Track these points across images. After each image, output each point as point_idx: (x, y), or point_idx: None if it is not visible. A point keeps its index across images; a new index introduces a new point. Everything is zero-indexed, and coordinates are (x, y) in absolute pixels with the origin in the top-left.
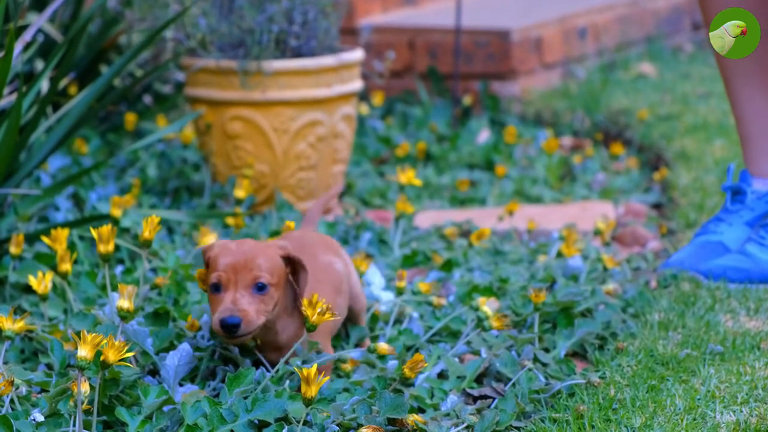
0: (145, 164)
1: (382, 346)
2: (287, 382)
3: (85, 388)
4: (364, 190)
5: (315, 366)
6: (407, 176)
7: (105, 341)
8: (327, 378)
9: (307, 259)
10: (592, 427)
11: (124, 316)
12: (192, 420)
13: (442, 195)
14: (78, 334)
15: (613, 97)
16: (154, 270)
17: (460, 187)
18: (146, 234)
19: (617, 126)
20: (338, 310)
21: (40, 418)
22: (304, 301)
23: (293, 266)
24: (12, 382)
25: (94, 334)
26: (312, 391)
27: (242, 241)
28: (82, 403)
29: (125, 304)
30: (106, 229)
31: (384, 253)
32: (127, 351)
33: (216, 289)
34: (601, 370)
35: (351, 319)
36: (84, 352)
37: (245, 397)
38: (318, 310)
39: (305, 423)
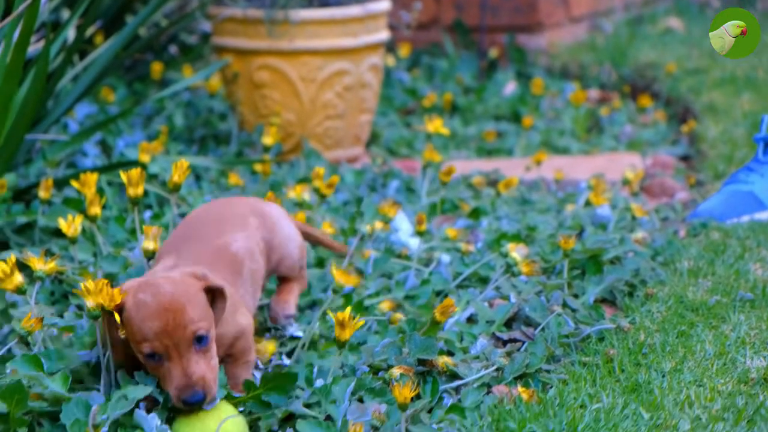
0: (172, 113)
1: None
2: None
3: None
4: (391, 139)
5: (349, 309)
6: (435, 125)
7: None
8: (362, 322)
9: (200, 246)
10: (622, 370)
11: (150, 257)
12: None
13: (468, 146)
14: (108, 276)
15: (640, 50)
16: (182, 215)
17: (486, 138)
18: (176, 178)
19: (644, 79)
20: (243, 291)
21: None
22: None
23: (212, 294)
24: (42, 320)
25: (98, 281)
26: (346, 334)
27: (153, 286)
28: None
29: (150, 245)
30: (136, 172)
31: (411, 201)
32: None
33: (153, 358)
34: (630, 316)
35: (282, 281)
36: (91, 302)
37: None
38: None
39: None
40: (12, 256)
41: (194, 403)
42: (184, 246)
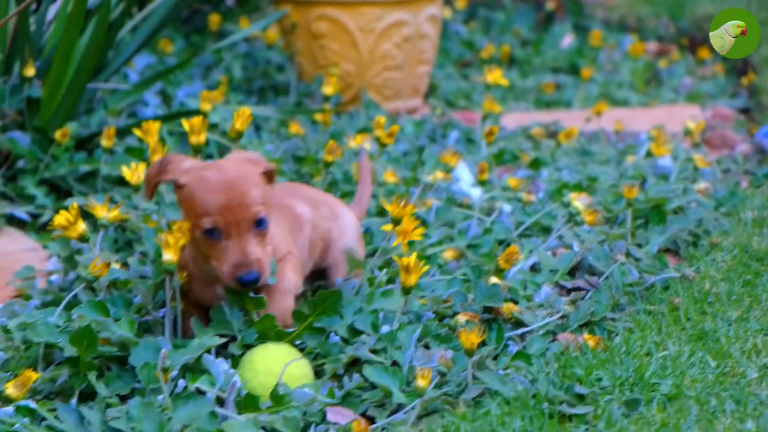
0: (230, 65)
1: None
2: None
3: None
4: (449, 91)
5: (414, 254)
6: (494, 76)
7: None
8: (427, 267)
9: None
10: (688, 319)
11: None
12: None
13: (526, 98)
14: (170, 225)
15: (698, 3)
16: None
17: (545, 90)
18: (238, 125)
19: (702, 32)
20: (297, 249)
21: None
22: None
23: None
24: (108, 265)
25: (177, 236)
26: (411, 280)
27: (217, 165)
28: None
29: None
30: (198, 120)
31: (471, 152)
32: None
33: (212, 234)
34: (695, 265)
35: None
36: (169, 255)
37: None
38: None
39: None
40: (75, 203)
41: (249, 282)
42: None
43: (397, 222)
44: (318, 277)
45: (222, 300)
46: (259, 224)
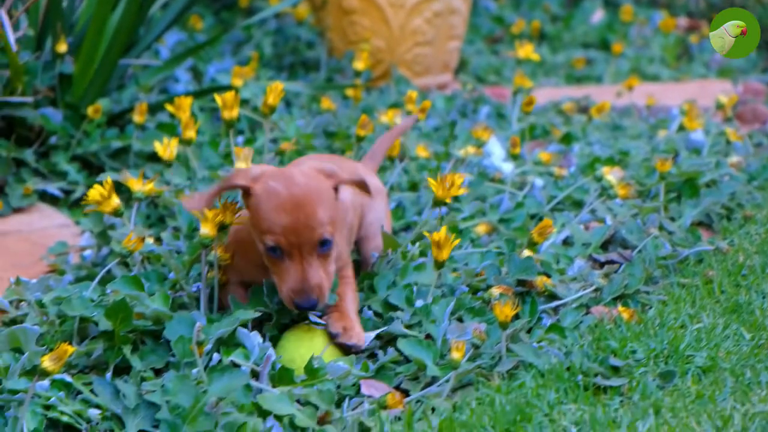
0: (260, 41)
1: None
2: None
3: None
4: (479, 67)
5: (444, 229)
6: (525, 50)
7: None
8: (458, 240)
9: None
10: (722, 292)
11: None
12: None
13: (557, 73)
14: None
15: None
16: (273, 141)
17: (575, 66)
18: (270, 100)
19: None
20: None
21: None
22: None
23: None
24: (143, 240)
25: (215, 211)
26: (443, 255)
27: (288, 176)
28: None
29: (243, 165)
30: (230, 95)
31: (502, 127)
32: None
33: (274, 252)
34: (728, 238)
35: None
36: (206, 230)
37: None
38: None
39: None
40: (108, 178)
41: (306, 309)
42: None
43: (440, 203)
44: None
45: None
46: (323, 245)
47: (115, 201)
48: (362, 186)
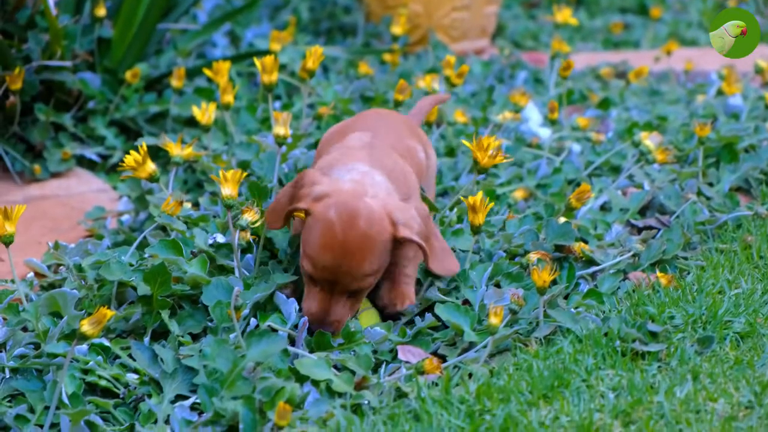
0: (297, 6)
1: None
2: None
3: (251, 216)
4: (516, 32)
5: (480, 193)
6: (563, 15)
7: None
8: (492, 204)
9: (393, 140)
10: (761, 257)
11: (281, 142)
12: None
13: (595, 38)
14: (242, 164)
15: None
16: (310, 106)
17: (613, 30)
18: (309, 64)
19: None
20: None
21: (221, 239)
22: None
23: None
24: (182, 203)
25: (233, 171)
26: (479, 219)
27: (349, 213)
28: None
29: (281, 130)
30: (269, 59)
31: (539, 92)
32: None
33: (309, 277)
34: (767, 204)
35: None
36: (228, 190)
37: None
38: (489, 152)
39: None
40: (143, 143)
41: (319, 332)
42: (380, 129)
43: (483, 170)
44: None
45: None
46: (355, 293)
47: (151, 166)
48: (422, 249)
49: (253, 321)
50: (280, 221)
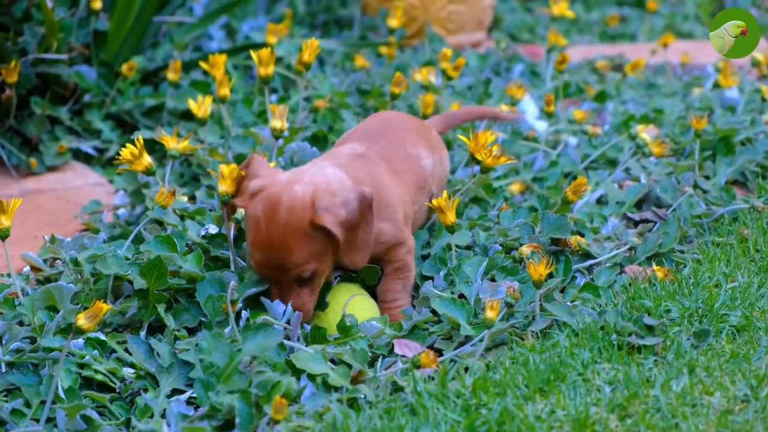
0: None
1: None
2: None
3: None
4: (513, 25)
5: (444, 194)
6: (560, 7)
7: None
8: (458, 200)
9: (391, 149)
10: (757, 250)
11: (278, 135)
12: None
13: (591, 30)
14: (238, 157)
15: None
16: (307, 99)
17: (609, 23)
18: (305, 57)
19: None
20: (419, 206)
21: (214, 230)
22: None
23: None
24: (174, 193)
25: (232, 166)
26: (449, 218)
27: (272, 206)
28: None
29: (278, 123)
30: (266, 51)
31: (536, 85)
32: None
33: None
34: (763, 196)
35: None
36: (224, 187)
37: None
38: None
39: (467, 247)
40: (140, 137)
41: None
42: (381, 137)
43: (486, 170)
44: None
45: None
46: (303, 281)
47: (147, 160)
48: (335, 238)
49: (244, 314)
50: (227, 216)
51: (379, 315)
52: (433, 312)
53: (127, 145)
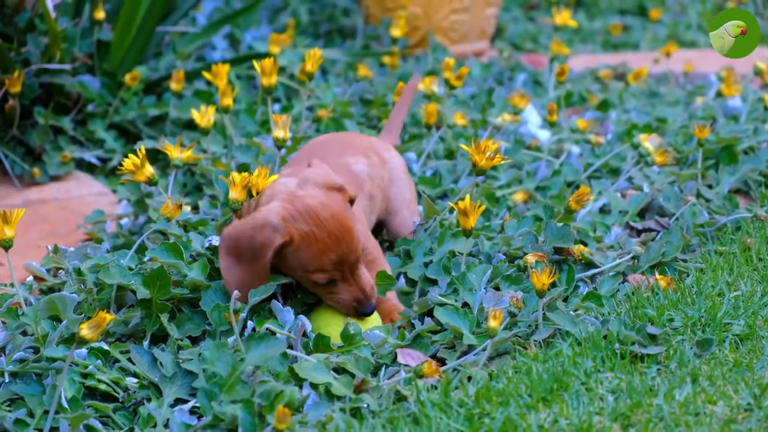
0: (296, 8)
1: None
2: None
3: None
4: (516, 34)
5: (468, 196)
6: (563, 17)
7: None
8: (483, 207)
9: (326, 160)
10: (760, 259)
11: (280, 145)
12: None
13: (594, 40)
14: (241, 167)
15: None
16: (310, 108)
17: (612, 32)
18: (308, 67)
19: None
20: (361, 208)
21: (216, 241)
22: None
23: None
24: (180, 206)
25: (243, 175)
26: (470, 222)
27: (314, 216)
28: None
29: (281, 133)
30: (269, 61)
31: (539, 94)
32: None
33: (327, 284)
34: (766, 206)
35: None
36: (234, 194)
37: None
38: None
39: (470, 254)
40: (142, 147)
41: (371, 313)
42: (303, 161)
43: (481, 172)
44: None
45: None
46: (360, 260)
47: (149, 170)
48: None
49: (250, 323)
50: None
51: (381, 325)
52: (437, 321)
53: (130, 155)
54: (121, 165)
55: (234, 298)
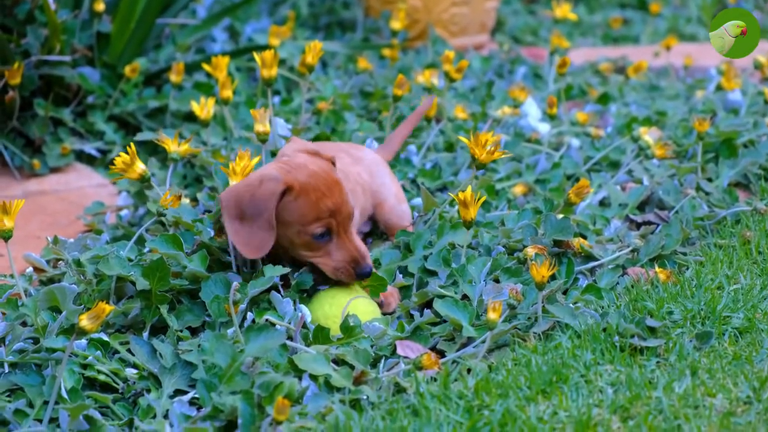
0: (297, 0)
1: None
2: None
3: None
4: (516, 27)
5: (469, 188)
6: (563, 10)
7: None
8: (484, 198)
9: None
10: (759, 252)
11: (263, 139)
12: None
13: (594, 33)
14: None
15: None
16: (310, 101)
17: (612, 25)
18: (309, 59)
19: None
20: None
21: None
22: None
23: None
24: (180, 198)
25: (243, 164)
26: (471, 213)
27: (307, 169)
28: None
29: (260, 128)
30: (269, 53)
31: (539, 87)
32: None
33: (322, 237)
34: (766, 199)
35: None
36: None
37: None
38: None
39: (469, 246)
40: (132, 144)
41: (367, 275)
42: None
43: (481, 166)
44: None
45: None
46: (352, 217)
47: (140, 167)
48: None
49: (249, 315)
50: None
51: (380, 316)
52: (436, 313)
53: (121, 153)
54: (112, 163)
55: (233, 289)
